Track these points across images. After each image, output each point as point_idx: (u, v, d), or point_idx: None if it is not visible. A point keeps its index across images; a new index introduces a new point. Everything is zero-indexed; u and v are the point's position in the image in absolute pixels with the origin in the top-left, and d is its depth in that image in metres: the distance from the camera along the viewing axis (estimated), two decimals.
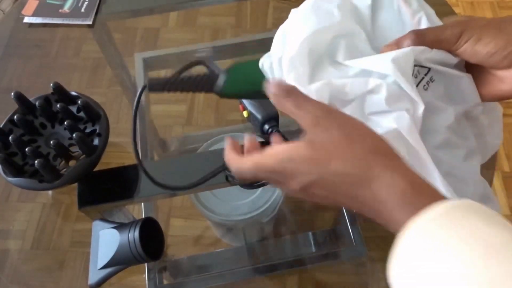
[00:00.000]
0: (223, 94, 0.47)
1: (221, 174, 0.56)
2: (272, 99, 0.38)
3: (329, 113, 0.35)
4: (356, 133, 0.34)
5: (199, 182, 0.57)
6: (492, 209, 0.30)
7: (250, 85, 0.47)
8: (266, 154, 0.36)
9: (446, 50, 0.43)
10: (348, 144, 0.34)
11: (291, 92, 0.37)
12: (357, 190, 0.33)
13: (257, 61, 0.47)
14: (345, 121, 0.35)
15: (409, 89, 0.41)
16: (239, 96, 0.51)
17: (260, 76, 0.47)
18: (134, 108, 0.52)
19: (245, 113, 0.62)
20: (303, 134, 0.35)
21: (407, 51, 0.41)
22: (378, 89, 0.41)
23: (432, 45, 0.42)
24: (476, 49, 0.41)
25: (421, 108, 0.41)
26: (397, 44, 0.42)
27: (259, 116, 0.60)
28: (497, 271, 0.26)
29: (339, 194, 0.35)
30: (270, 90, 0.38)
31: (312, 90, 0.42)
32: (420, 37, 0.42)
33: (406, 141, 0.41)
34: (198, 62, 0.48)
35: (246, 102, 0.61)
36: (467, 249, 0.27)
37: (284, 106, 0.37)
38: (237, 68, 0.47)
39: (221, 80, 0.46)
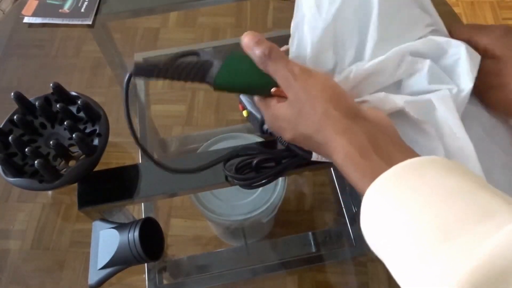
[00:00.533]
0: (216, 85, 0.43)
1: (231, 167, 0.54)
2: (256, 59, 0.41)
3: (301, 74, 0.39)
4: (318, 95, 0.38)
5: (208, 166, 0.54)
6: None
7: (248, 77, 0.43)
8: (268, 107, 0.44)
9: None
10: (310, 107, 0.38)
11: (272, 52, 0.41)
12: (321, 149, 0.38)
13: None
14: (313, 83, 0.39)
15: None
16: (234, 89, 0.46)
17: (258, 69, 0.43)
18: (124, 88, 0.46)
19: (244, 113, 0.62)
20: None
21: None
22: (420, 67, 0.42)
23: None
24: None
25: (468, 86, 0.41)
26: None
27: (258, 116, 0.60)
28: (447, 216, 0.28)
29: (313, 148, 0.41)
30: (255, 51, 0.41)
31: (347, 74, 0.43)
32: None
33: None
34: (192, 53, 0.44)
35: (245, 101, 0.61)
36: (420, 199, 0.30)
37: (267, 67, 0.41)
38: (235, 57, 0.43)
39: (215, 68, 0.42)
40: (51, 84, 0.64)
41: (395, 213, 0.30)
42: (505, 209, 0.28)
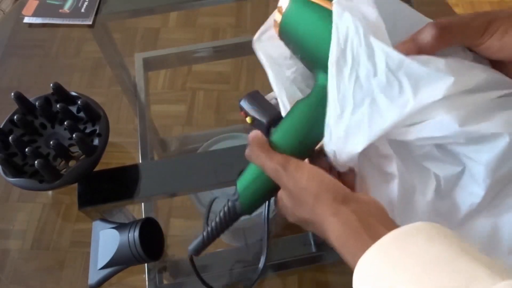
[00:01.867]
0: (249, 211, 0.49)
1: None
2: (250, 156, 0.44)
3: (288, 167, 0.40)
4: (308, 185, 0.39)
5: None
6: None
7: (265, 194, 0.48)
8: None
9: (468, 46, 0.38)
10: (302, 197, 0.39)
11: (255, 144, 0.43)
12: (318, 230, 0.39)
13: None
14: (300, 175, 0.40)
15: None
16: (260, 203, 0.50)
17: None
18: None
19: (248, 119, 0.61)
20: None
21: None
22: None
23: (455, 39, 0.37)
24: (505, 41, 0.36)
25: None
26: (414, 41, 0.37)
27: (263, 120, 0.60)
28: (431, 285, 0.29)
29: (312, 229, 0.41)
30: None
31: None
32: (443, 31, 0.36)
33: None
34: (214, 198, 0.56)
35: (247, 107, 0.61)
36: (402, 273, 0.30)
37: (254, 161, 0.44)
38: (241, 188, 0.48)
39: (237, 203, 0.48)
40: (51, 84, 0.64)
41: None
42: (486, 275, 0.28)
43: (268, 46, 0.50)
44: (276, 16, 0.46)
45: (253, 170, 0.46)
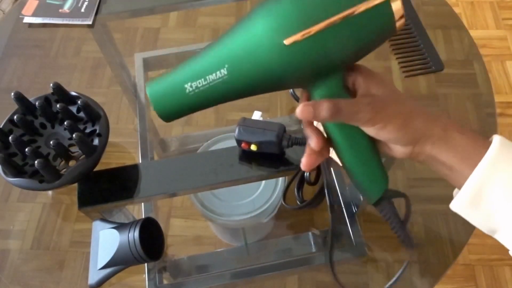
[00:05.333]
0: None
1: None
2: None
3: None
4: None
5: None
6: None
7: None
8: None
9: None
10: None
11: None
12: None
13: None
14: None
15: None
16: None
17: None
18: None
19: (253, 147, 0.61)
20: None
21: None
22: None
23: (343, 119, 0.40)
24: (379, 133, 0.41)
25: None
26: (313, 106, 0.40)
27: (272, 139, 0.60)
28: None
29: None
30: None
31: None
32: (336, 109, 0.39)
33: None
34: None
35: (246, 137, 0.61)
36: None
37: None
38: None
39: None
40: (51, 84, 0.64)
41: None
42: None
43: None
44: None
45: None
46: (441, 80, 0.79)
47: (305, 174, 0.60)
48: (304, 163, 0.44)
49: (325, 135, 0.45)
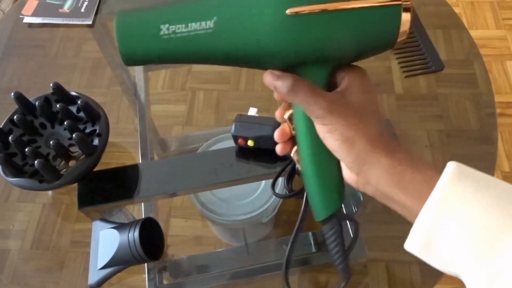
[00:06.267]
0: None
1: None
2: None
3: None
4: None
5: None
6: None
7: None
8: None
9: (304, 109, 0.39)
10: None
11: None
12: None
13: None
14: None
15: None
16: None
17: None
18: None
19: (250, 143, 0.61)
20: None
21: None
22: None
23: (298, 102, 0.38)
24: (325, 137, 0.38)
25: None
26: (278, 76, 0.38)
27: (269, 133, 0.60)
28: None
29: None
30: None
31: None
32: (294, 87, 0.37)
33: None
34: None
35: (243, 132, 0.61)
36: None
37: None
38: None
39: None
40: (51, 84, 0.64)
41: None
42: None
43: None
44: None
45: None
46: (441, 80, 0.79)
47: (296, 165, 0.60)
48: (278, 149, 0.45)
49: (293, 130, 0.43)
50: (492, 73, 1.62)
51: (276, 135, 0.43)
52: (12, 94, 0.62)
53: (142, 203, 0.69)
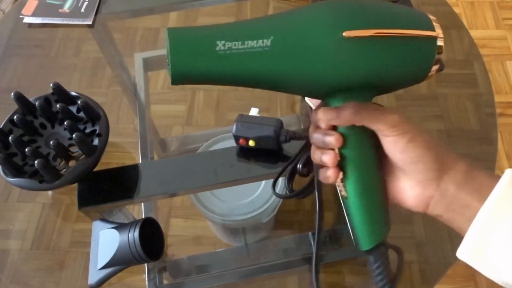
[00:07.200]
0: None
1: None
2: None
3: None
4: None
5: None
6: None
7: None
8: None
9: (376, 131, 0.39)
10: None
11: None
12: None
13: None
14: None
15: None
16: None
17: None
18: None
19: (251, 143, 0.61)
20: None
21: None
22: None
23: (368, 119, 0.38)
24: (407, 146, 0.37)
25: None
26: (337, 113, 0.38)
27: (270, 133, 0.60)
28: None
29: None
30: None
31: None
32: (359, 111, 0.38)
33: None
34: None
35: (244, 132, 0.61)
36: None
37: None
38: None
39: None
40: (51, 84, 0.64)
41: None
42: None
43: None
44: None
45: None
46: (441, 80, 0.79)
47: (298, 165, 0.60)
48: (327, 175, 0.40)
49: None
50: (492, 73, 1.62)
51: (328, 159, 0.40)
52: (12, 94, 0.62)
53: (142, 203, 0.69)
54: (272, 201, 0.67)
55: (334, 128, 0.40)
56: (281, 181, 0.66)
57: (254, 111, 0.74)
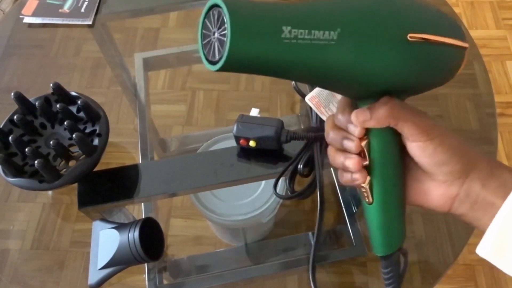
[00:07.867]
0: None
1: None
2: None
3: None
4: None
5: None
6: None
7: None
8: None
9: (404, 135, 0.38)
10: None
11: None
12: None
13: None
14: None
15: None
16: None
17: None
18: None
19: (252, 143, 0.61)
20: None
21: None
22: None
23: (404, 118, 0.37)
24: (436, 150, 0.37)
25: None
26: (369, 108, 0.37)
27: (271, 134, 0.60)
28: None
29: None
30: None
31: None
32: (395, 104, 0.37)
33: None
34: None
35: (244, 133, 0.61)
36: None
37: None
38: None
39: None
40: (51, 84, 0.64)
41: None
42: None
43: None
44: None
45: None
46: None
47: (298, 166, 0.60)
48: (351, 178, 0.39)
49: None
50: (492, 73, 1.62)
51: (352, 163, 0.38)
52: (12, 94, 0.62)
53: (142, 203, 0.69)
54: (272, 201, 0.67)
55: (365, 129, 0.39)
56: (281, 181, 0.66)
57: (254, 112, 0.74)
